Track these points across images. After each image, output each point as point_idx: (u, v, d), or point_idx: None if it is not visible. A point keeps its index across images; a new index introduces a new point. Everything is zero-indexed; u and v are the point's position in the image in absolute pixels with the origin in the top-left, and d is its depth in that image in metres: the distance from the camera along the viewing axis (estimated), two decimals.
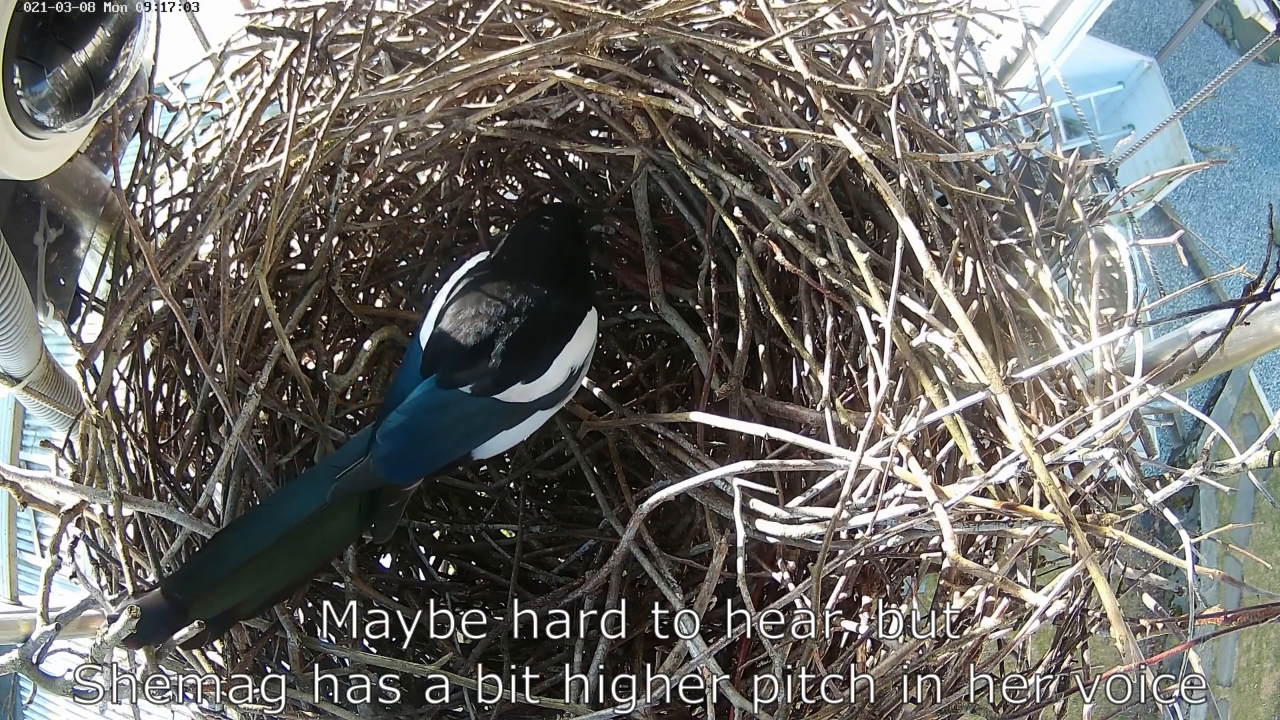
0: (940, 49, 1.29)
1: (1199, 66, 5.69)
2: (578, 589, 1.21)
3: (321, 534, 1.09)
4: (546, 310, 1.14)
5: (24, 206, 1.33)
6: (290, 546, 1.06)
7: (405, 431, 1.07)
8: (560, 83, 1.19)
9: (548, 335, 1.13)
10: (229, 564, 1.04)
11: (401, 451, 1.08)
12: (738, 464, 1.03)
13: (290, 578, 1.09)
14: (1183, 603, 0.99)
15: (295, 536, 1.06)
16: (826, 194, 1.11)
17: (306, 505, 1.07)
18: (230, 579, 1.04)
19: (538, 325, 1.13)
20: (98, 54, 1.06)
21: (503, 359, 1.10)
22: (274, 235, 1.16)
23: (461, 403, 1.09)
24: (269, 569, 1.06)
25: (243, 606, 1.06)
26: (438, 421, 1.09)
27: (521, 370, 1.10)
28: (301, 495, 1.09)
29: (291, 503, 1.08)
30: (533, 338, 1.12)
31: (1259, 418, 5.00)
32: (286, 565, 1.08)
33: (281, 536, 1.05)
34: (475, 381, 1.09)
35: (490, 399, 1.09)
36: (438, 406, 1.09)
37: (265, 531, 1.06)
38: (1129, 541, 0.91)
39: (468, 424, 1.11)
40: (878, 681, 0.98)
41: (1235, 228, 5.53)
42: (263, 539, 1.05)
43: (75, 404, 1.44)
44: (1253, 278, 0.88)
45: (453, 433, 1.11)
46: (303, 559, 1.09)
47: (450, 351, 1.11)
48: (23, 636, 1.66)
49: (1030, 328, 1.15)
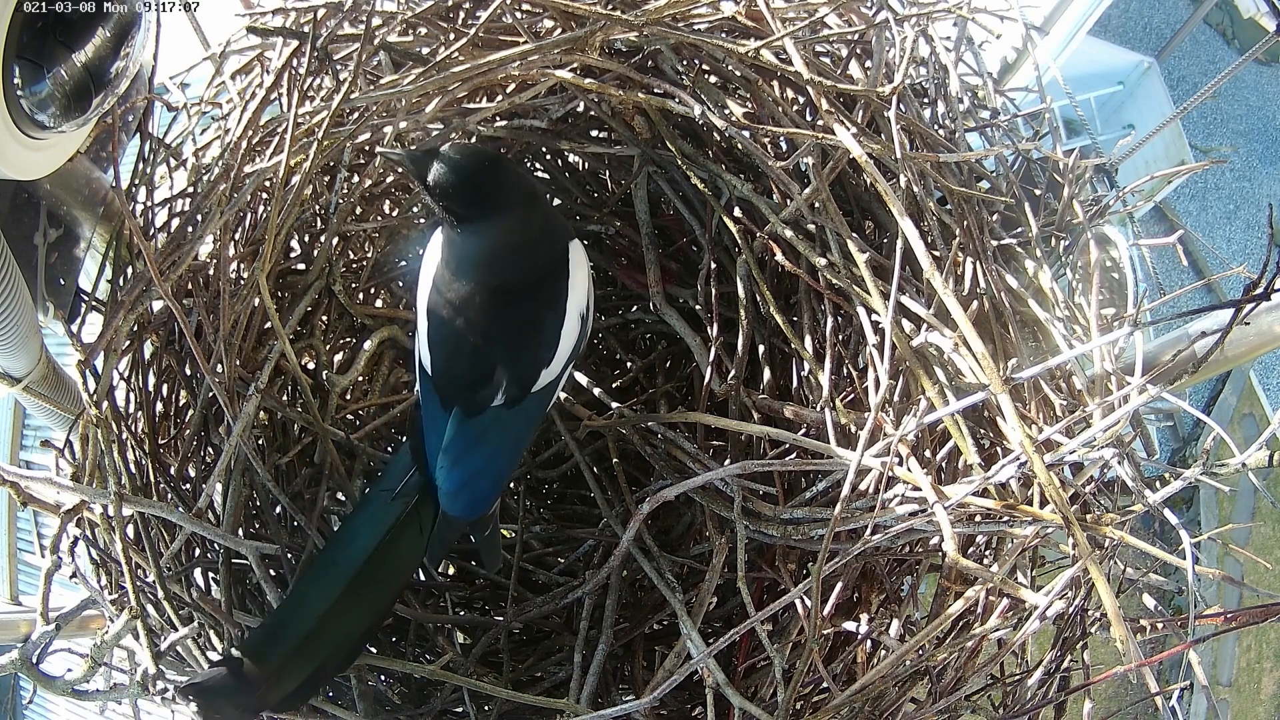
0: (940, 49, 1.29)
1: (1199, 66, 5.69)
2: (578, 589, 1.21)
3: (390, 565, 1.06)
4: (530, 277, 1.07)
5: (24, 206, 1.33)
6: (363, 585, 1.04)
7: (461, 474, 1.05)
8: (560, 83, 1.19)
9: (544, 304, 1.07)
10: (309, 617, 1.01)
11: (469, 494, 1.05)
12: (738, 464, 1.03)
13: (371, 617, 1.07)
14: (1183, 603, 0.99)
15: (366, 573, 1.04)
16: (826, 194, 1.11)
17: (369, 539, 1.04)
18: (313, 634, 1.01)
19: (530, 301, 1.07)
20: (98, 54, 1.06)
21: (516, 360, 1.06)
22: (274, 235, 1.16)
23: (500, 419, 1.05)
24: (348, 613, 1.03)
25: (330, 662, 1.04)
26: (486, 449, 1.06)
27: (537, 358, 1.06)
28: (363, 529, 1.06)
29: (355, 540, 1.06)
30: (532, 318, 1.07)
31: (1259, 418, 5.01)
32: (364, 604, 1.05)
33: (353, 577, 1.03)
34: (503, 393, 1.05)
35: (524, 402, 1.06)
36: (480, 435, 1.05)
37: (337, 574, 1.03)
38: (1129, 541, 0.91)
39: (514, 432, 1.08)
40: (878, 681, 0.98)
41: (1235, 228, 5.54)
42: (336, 582, 1.03)
43: (75, 404, 1.44)
44: (1253, 278, 0.88)
45: (504, 448, 1.07)
46: (379, 593, 1.06)
47: (460, 377, 1.06)
48: (23, 636, 1.67)
49: (1030, 328, 1.16)
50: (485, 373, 1.05)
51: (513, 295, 1.06)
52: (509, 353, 1.06)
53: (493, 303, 1.06)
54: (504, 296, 1.06)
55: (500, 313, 1.06)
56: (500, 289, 1.06)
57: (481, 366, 1.05)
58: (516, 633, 1.39)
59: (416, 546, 1.07)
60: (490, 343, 1.06)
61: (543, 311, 1.07)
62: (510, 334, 1.07)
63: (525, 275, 1.07)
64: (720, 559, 1.07)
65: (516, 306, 1.07)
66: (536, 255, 1.08)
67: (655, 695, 0.96)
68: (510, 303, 1.06)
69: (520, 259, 1.07)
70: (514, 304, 1.07)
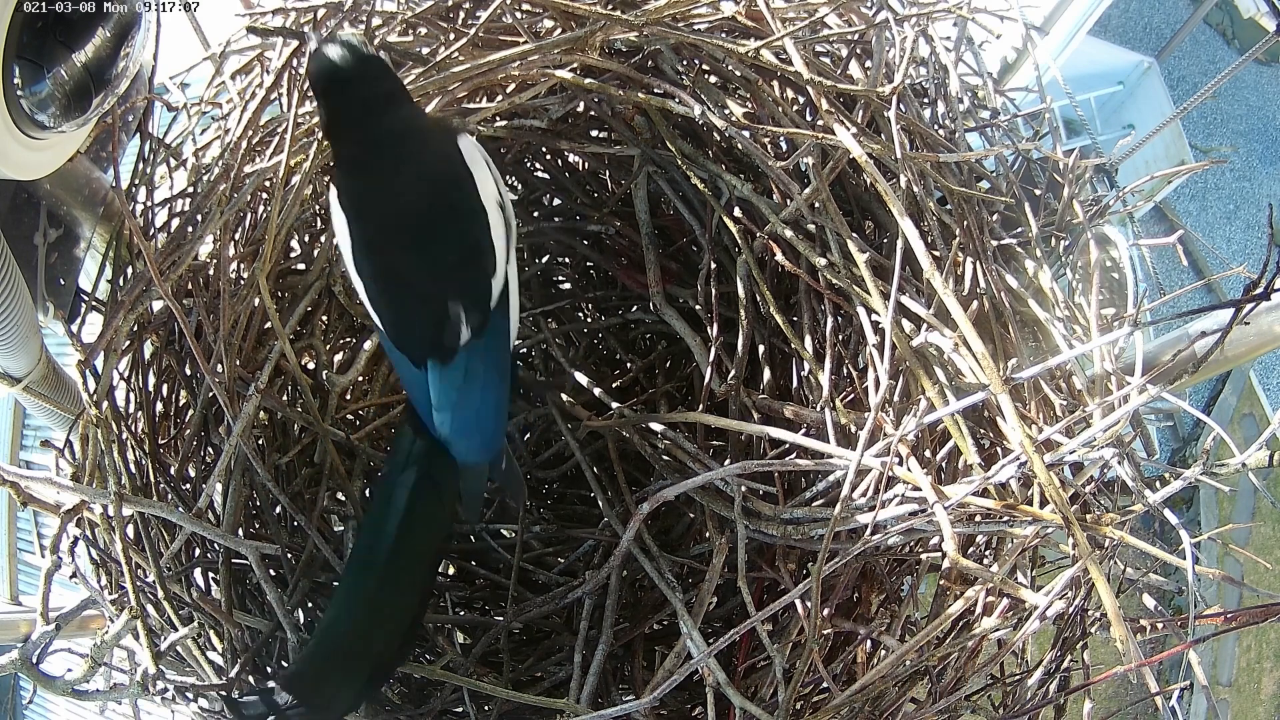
0: (940, 49, 1.29)
1: (1199, 66, 5.69)
2: (578, 589, 1.21)
3: (419, 541, 1.05)
4: (435, 193, 1.01)
5: (24, 206, 1.33)
6: (399, 571, 1.04)
7: (463, 421, 1.02)
8: (560, 82, 1.19)
9: (460, 214, 1.01)
10: (353, 624, 1.01)
11: (479, 436, 1.03)
12: (738, 464, 1.03)
13: (415, 598, 1.06)
14: (1183, 603, 0.99)
15: (398, 559, 1.03)
16: (826, 194, 1.11)
17: (392, 523, 1.03)
18: (362, 636, 1.01)
19: (445, 218, 1.01)
20: (98, 54, 1.06)
21: (462, 285, 1.00)
22: (274, 235, 1.16)
23: (476, 351, 1.01)
24: (390, 606, 1.03)
25: (385, 659, 1.04)
26: (476, 386, 1.02)
27: (481, 272, 1.00)
28: (385, 517, 1.05)
29: (380, 530, 1.05)
30: (456, 234, 1.01)
31: (1259, 418, 5.00)
32: (405, 590, 1.05)
33: (386, 566, 1.02)
34: (466, 324, 1.00)
35: (490, 322, 1.01)
36: (465, 375, 1.01)
37: (372, 569, 1.03)
38: (1129, 541, 0.91)
39: (495, 358, 1.03)
40: (878, 681, 0.98)
41: (1235, 228, 5.53)
42: (372, 577, 1.03)
43: (75, 404, 1.44)
44: (1253, 278, 0.88)
45: (493, 377, 1.03)
46: (416, 573, 1.06)
47: (419, 328, 1.02)
48: (23, 636, 1.67)
49: (1030, 328, 1.16)
50: (439, 313, 1.00)
51: (427, 219, 1.01)
52: (451, 282, 1.01)
53: (412, 236, 1.01)
54: (419, 224, 1.01)
55: (425, 245, 1.01)
56: (411, 217, 1.01)
57: (433, 308, 1.00)
58: (516, 633, 1.39)
59: (441, 514, 1.06)
60: (430, 280, 1.02)
61: (463, 222, 1.01)
62: (443, 262, 1.02)
63: (429, 193, 1.01)
64: (720, 559, 1.07)
65: (436, 228, 1.02)
66: (430, 166, 1.01)
67: (655, 695, 0.96)
68: (428, 227, 1.01)
69: (416, 177, 1.00)
70: (432, 227, 1.01)
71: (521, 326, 1.64)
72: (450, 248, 1.01)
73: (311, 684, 0.98)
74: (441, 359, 1.01)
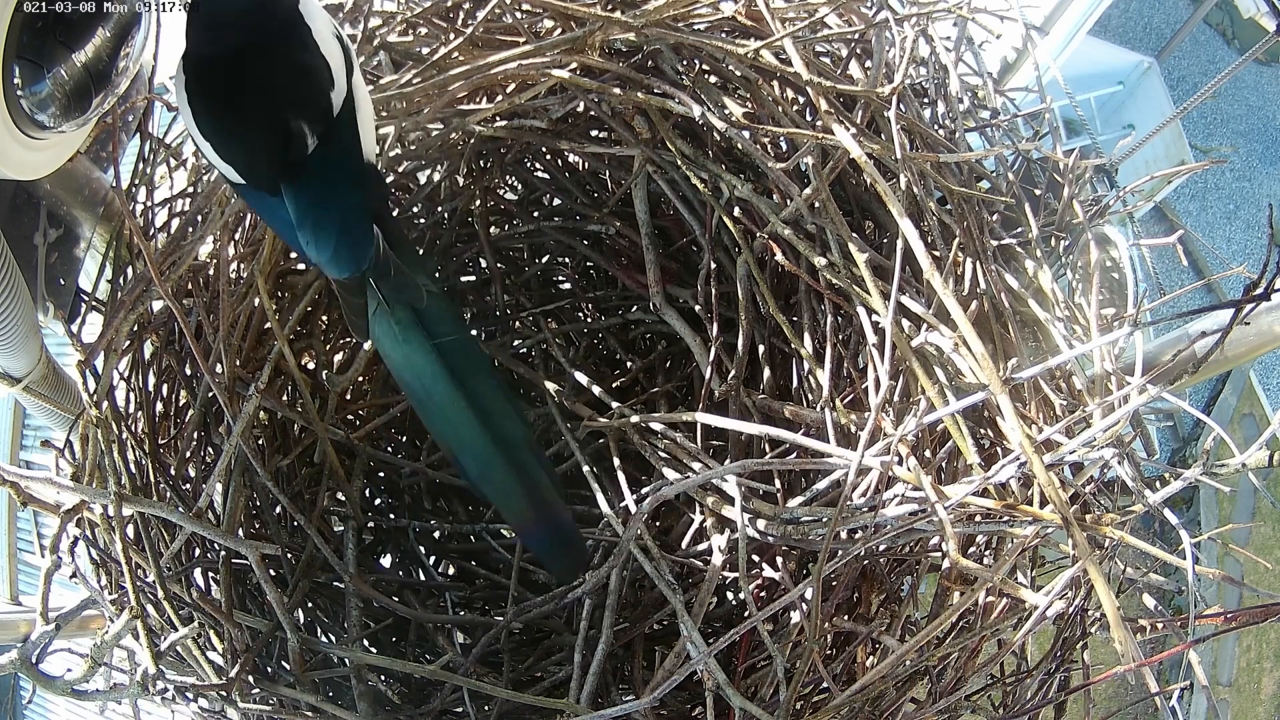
0: (940, 49, 1.29)
1: (1199, 66, 5.69)
2: (578, 589, 1.21)
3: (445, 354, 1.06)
4: (262, 38, 0.96)
5: (24, 206, 1.33)
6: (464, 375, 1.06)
7: (326, 234, 0.98)
8: (560, 83, 1.19)
9: (290, 44, 0.96)
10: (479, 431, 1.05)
11: (344, 249, 0.99)
12: (738, 464, 1.03)
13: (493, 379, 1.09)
14: (1183, 603, 0.99)
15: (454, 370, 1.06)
16: (826, 194, 1.11)
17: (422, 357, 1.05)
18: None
19: (275, 54, 0.96)
20: (98, 54, 1.06)
21: (298, 103, 0.96)
22: (274, 235, 1.16)
23: (325, 163, 0.97)
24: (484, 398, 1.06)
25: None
26: (331, 196, 0.98)
27: (317, 88, 0.96)
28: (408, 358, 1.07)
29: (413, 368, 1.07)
30: (289, 68, 0.96)
31: (1259, 418, 5.00)
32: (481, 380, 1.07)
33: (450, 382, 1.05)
34: (311, 138, 0.96)
35: (336, 134, 0.97)
36: (320, 188, 0.97)
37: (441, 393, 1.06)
38: (1129, 541, 0.91)
39: (345, 165, 0.99)
40: (878, 681, 0.98)
41: (1235, 228, 5.53)
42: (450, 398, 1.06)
43: (75, 404, 1.44)
44: (1253, 278, 0.88)
45: (344, 187, 0.99)
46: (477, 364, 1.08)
47: (268, 158, 0.97)
48: (23, 636, 1.67)
49: (1030, 328, 1.15)
50: (282, 135, 0.96)
51: (257, 63, 0.96)
52: (288, 105, 0.97)
53: (244, 82, 0.96)
54: (250, 70, 0.96)
55: (257, 83, 0.97)
56: (240, 66, 0.96)
57: (275, 133, 0.96)
58: (516, 633, 1.39)
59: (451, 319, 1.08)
60: (267, 111, 0.97)
61: (291, 53, 0.97)
62: (277, 91, 0.97)
63: (256, 41, 0.96)
64: (720, 559, 1.07)
65: (265, 67, 0.96)
66: (258, 18, 0.96)
67: (655, 695, 0.96)
68: (258, 69, 0.96)
69: (244, 32, 0.95)
70: (262, 67, 0.96)
71: (522, 326, 1.64)
72: (281, 78, 0.97)
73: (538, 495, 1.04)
74: (293, 178, 0.98)
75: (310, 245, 0.98)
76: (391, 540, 1.53)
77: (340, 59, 0.98)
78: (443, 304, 1.09)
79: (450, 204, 1.50)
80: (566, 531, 1.10)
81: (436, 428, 1.10)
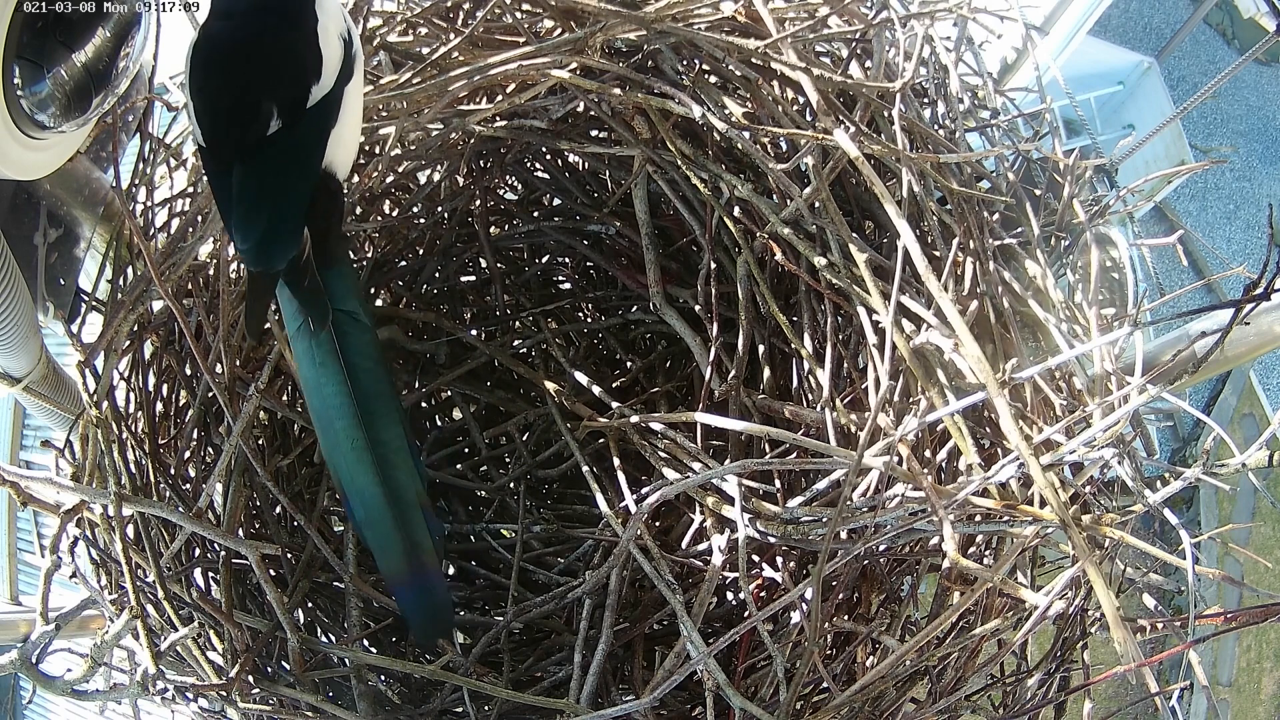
0: (940, 49, 1.29)
1: (1199, 66, 5.69)
2: (578, 589, 1.21)
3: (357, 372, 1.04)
4: (269, 20, 0.96)
5: (24, 206, 1.33)
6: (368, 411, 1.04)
7: (255, 219, 0.95)
8: (560, 83, 1.19)
9: (292, 32, 0.96)
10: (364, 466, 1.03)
11: (270, 240, 0.96)
12: (738, 463, 1.03)
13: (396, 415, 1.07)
14: (1183, 603, 0.99)
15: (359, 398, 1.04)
16: (826, 194, 1.11)
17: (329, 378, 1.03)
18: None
19: (274, 38, 0.96)
20: (98, 54, 1.06)
21: (278, 85, 0.95)
22: None
23: (279, 149, 0.95)
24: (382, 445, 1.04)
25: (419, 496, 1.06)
26: (273, 182, 0.96)
27: (302, 75, 0.95)
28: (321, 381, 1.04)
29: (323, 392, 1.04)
30: (282, 52, 0.96)
31: (1259, 418, 5.00)
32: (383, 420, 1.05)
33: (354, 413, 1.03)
34: (276, 120, 0.94)
35: (302, 123, 0.96)
36: (266, 172, 0.95)
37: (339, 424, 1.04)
38: (1129, 541, 0.91)
39: (301, 159, 0.97)
40: (878, 681, 0.98)
41: (1235, 228, 5.53)
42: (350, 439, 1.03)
43: (75, 404, 1.44)
44: (1253, 278, 0.88)
45: (291, 179, 0.98)
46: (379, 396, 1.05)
47: (230, 131, 0.95)
48: (23, 636, 1.67)
49: (1030, 328, 1.16)
50: (249, 112, 0.94)
51: (256, 43, 0.96)
52: (262, 83, 0.95)
53: (238, 58, 0.97)
54: (247, 49, 0.96)
55: (247, 62, 0.96)
56: (241, 44, 0.96)
57: (244, 110, 0.95)
58: (516, 633, 1.39)
59: (356, 338, 1.05)
60: (245, 87, 0.96)
61: (288, 39, 0.96)
62: (262, 71, 0.96)
63: (262, 22, 0.96)
64: (720, 559, 1.07)
65: (261, 48, 0.97)
66: (273, 5, 0.98)
67: (655, 695, 0.96)
68: (254, 48, 0.96)
69: (256, 13, 0.96)
70: (258, 47, 0.96)
71: (522, 326, 1.64)
72: (266, 58, 0.96)
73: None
74: (245, 155, 0.95)
75: (238, 228, 0.96)
76: None
77: (337, 60, 0.98)
78: (366, 338, 1.06)
79: (450, 204, 1.50)
80: (436, 597, 1.06)
81: (332, 460, 1.07)
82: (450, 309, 1.65)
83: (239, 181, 0.95)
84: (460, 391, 1.62)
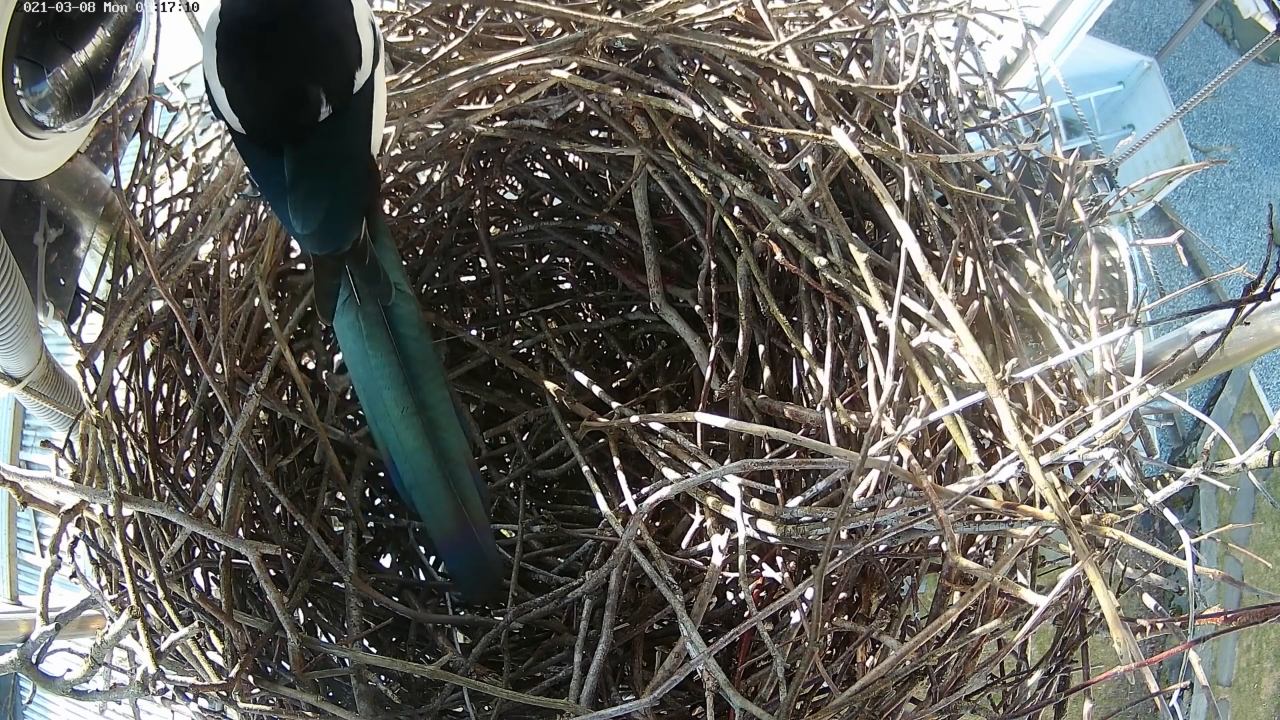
0: (940, 49, 1.29)
1: (1199, 66, 5.69)
2: (578, 589, 1.21)
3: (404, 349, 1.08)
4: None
5: (24, 206, 1.33)
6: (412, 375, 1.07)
7: (315, 203, 0.96)
8: (560, 83, 1.19)
9: (327, 11, 0.95)
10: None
11: (329, 224, 0.97)
12: (738, 463, 1.03)
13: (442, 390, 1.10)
14: (1183, 603, 0.99)
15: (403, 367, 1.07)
16: (826, 194, 1.11)
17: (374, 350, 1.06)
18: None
19: (311, 18, 0.95)
20: (98, 54, 1.06)
21: (322, 72, 0.95)
22: (274, 235, 1.16)
23: (332, 133, 0.96)
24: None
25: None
26: (330, 166, 0.97)
27: (344, 61, 0.95)
28: (361, 355, 1.08)
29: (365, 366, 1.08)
30: (323, 35, 0.95)
31: (1259, 418, 5.00)
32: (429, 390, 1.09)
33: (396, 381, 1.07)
34: (326, 104, 0.94)
35: (351, 108, 0.96)
36: (322, 155, 0.96)
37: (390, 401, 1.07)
38: (1129, 541, 0.91)
39: (353, 143, 0.98)
40: (878, 681, 0.98)
41: (1235, 228, 5.53)
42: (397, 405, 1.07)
43: (75, 404, 1.44)
44: (1253, 278, 0.88)
45: (347, 163, 0.99)
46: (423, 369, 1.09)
47: (278, 115, 0.95)
48: (23, 636, 1.66)
49: (1030, 328, 1.16)
50: (297, 96, 0.94)
51: (292, 21, 0.95)
52: (311, 69, 0.95)
53: (274, 38, 0.95)
54: (282, 27, 0.95)
55: (286, 42, 0.95)
56: (274, 22, 0.94)
57: (291, 93, 0.95)
58: (516, 633, 1.39)
59: (404, 318, 1.08)
60: (289, 70, 0.95)
61: (327, 21, 0.96)
62: (304, 54, 0.96)
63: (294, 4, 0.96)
64: (720, 559, 1.07)
65: (299, 27, 0.96)
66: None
67: (655, 695, 0.96)
68: (291, 27, 0.95)
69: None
70: (295, 26, 0.95)
71: (522, 326, 1.64)
72: (312, 43, 0.96)
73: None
74: (297, 141, 0.95)
75: (298, 212, 0.96)
76: (391, 540, 1.53)
77: (371, 45, 0.98)
78: (411, 307, 1.10)
79: (450, 204, 1.50)
80: (486, 553, 1.09)
81: (379, 428, 1.11)
82: (450, 309, 1.66)
83: (293, 167, 0.95)
84: (460, 391, 1.62)
